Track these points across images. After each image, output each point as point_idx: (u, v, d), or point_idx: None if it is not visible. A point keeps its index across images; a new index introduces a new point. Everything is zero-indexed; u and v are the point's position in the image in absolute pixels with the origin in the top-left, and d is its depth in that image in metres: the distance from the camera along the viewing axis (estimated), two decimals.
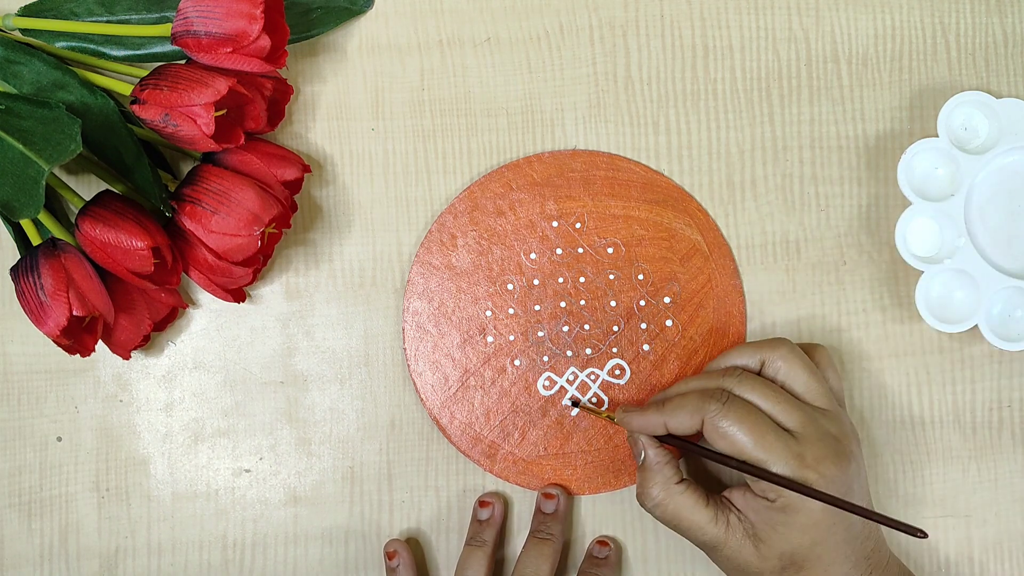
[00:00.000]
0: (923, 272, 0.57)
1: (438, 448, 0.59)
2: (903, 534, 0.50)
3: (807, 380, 0.52)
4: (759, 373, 0.53)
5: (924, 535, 0.47)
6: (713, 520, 0.51)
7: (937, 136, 0.57)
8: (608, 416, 0.56)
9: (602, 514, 0.58)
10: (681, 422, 0.51)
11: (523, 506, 0.59)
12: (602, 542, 0.57)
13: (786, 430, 0.50)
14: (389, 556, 0.57)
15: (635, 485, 0.58)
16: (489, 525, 0.57)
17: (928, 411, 0.59)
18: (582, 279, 0.58)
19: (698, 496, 0.52)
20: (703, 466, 0.58)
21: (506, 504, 0.58)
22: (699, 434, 0.52)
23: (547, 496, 0.57)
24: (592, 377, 0.58)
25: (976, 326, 0.56)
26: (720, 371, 0.53)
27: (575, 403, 0.57)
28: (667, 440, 0.53)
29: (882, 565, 0.52)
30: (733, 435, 0.50)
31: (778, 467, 0.49)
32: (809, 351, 0.55)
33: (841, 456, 0.50)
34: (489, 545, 0.56)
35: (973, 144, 0.58)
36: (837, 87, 0.59)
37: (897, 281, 0.59)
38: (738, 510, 0.52)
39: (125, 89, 0.53)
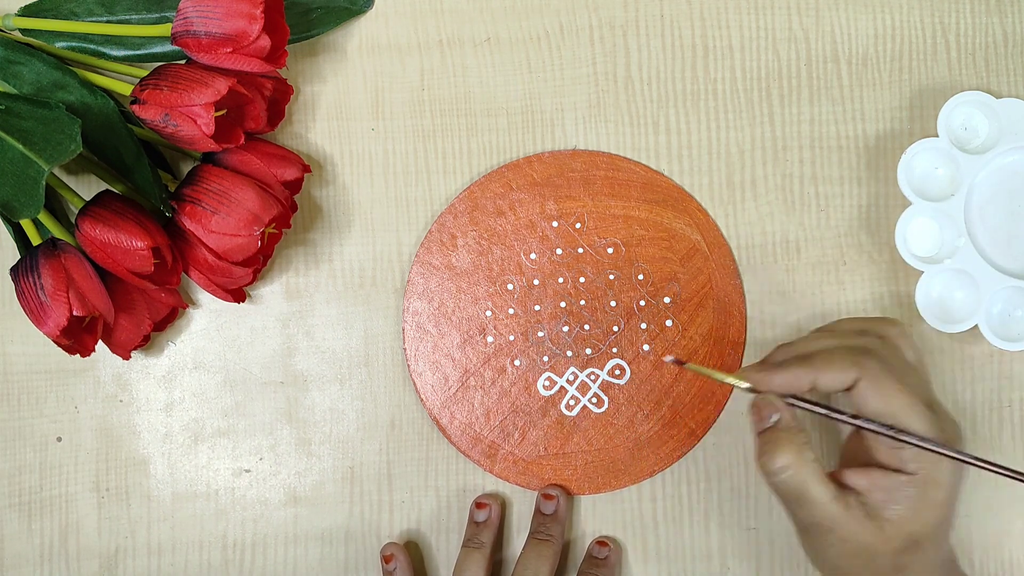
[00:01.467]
0: (923, 272, 0.57)
1: (438, 448, 0.59)
2: None
3: (917, 361, 0.50)
4: None
5: None
6: (835, 497, 0.47)
7: (937, 136, 0.57)
8: (722, 378, 0.49)
9: (602, 514, 0.58)
10: (833, 378, 0.47)
11: (523, 506, 0.59)
12: (601, 542, 0.57)
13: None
14: (386, 560, 0.57)
15: (635, 485, 0.58)
16: (486, 527, 0.57)
17: None
18: (582, 279, 0.58)
19: (823, 471, 0.47)
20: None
21: (504, 505, 0.58)
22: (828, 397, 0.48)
23: (547, 497, 0.57)
24: (592, 377, 0.58)
25: (976, 326, 0.56)
26: (851, 331, 0.49)
27: (681, 362, 0.50)
28: (797, 403, 0.48)
29: (955, 563, 0.51)
30: (893, 396, 0.46)
31: (927, 434, 0.46)
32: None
33: (957, 425, 0.48)
34: (487, 546, 0.56)
35: (973, 144, 0.58)
36: (837, 87, 0.59)
37: (897, 281, 0.59)
38: (859, 490, 0.47)
39: (125, 89, 0.53)
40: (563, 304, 0.58)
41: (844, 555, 0.48)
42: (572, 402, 0.58)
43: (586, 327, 0.58)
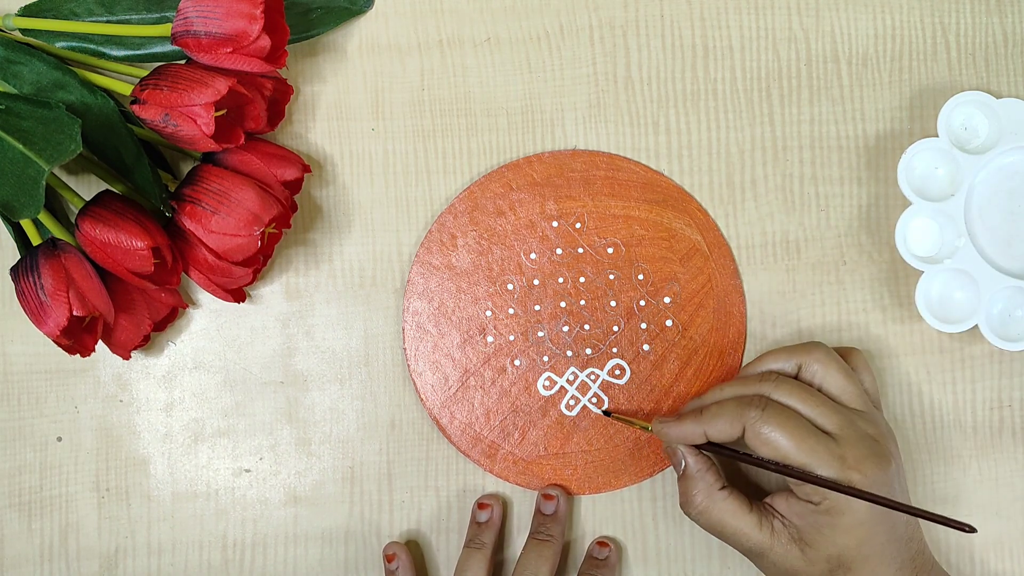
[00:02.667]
0: (923, 272, 0.57)
1: (438, 448, 0.59)
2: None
3: (843, 383, 0.52)
4: (796, 377, 0.53)
5: (973, 530, 0.47)
6: (757, 526, 0.51)
7: (937, 136, 0.57)
8: (643, 426, 0.56)
9: (602, 514, 0.58)
10: (720, 430, 0.51)
11: (523, 506, 0.59)
12: (602, 543, 0.57)
13: (826, 433, 0.50)
14: (388, 559, 0.57)
15: (635, 485, 0.58)
16: (488, 527, 0.57)
17: (928, 411, 0.59)
18: (582, 279, 0.58)
19: (741, 502, 0.52)
20: (743, 474, 0.58)
21: (505, 506, 0.58)
22: (738, 440, 0.51)
23: (547, 497, 0.57)
24: (592, 377, 0.58)
25: (976, 326, 0.56)
26: (756, 376, 0.53)
27: (608, 413, 0.57)
28: (707, 448, 0.53)
29: (927, 568, 0.52)
30: (775, 440, 0.50)
31: (821, 470, 0.49)
32: (845, 355, 0.55)
33: (881, 457, 0.50)
34: (488, 547, 0.56)
35: (973, 144, 0.58)
36: (837, 87, 0.59)
37: (897, 281, 0.59)
38: (782, 515, 0.51)
39: (125, 89, 0.53)
40: (563, 304, 0.58)
41: (781, 575, 0.52)
42: (572, 402, 0.58)
43: (586, 327, 0.58)
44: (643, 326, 0.58)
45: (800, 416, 0.51)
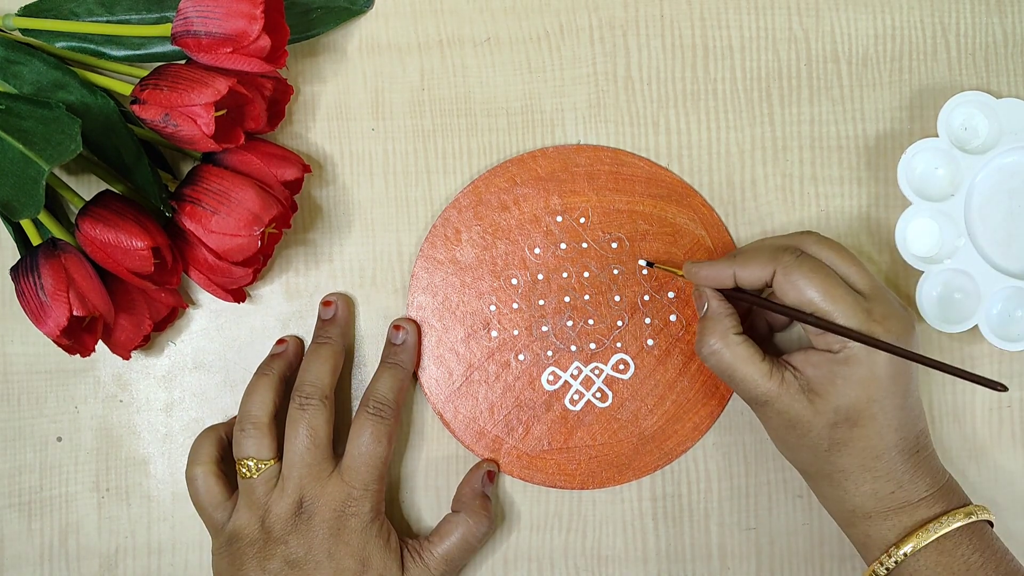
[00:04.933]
0: (923, 272, 0.57)
1: (439, 447, 0.59)
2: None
3: (851, 264, 0.53)
4: None
5: (1004, 388, 0.49)
6: (768, 375, 0.52)
7: (937, 136, 0.57)
8: (672, 271, 0.57)
9: (602, 513, 0.58)
10: (751, 273, 0.52)
11: (524, 504, 0.59)
12: (397, 327, 0.58)
13: (856, 291, 0.51)
14: (325, 304, 0.58)
15: (637, 481, 0.58)
16: (281, 358, 0.57)
17: (928, 411, 0.59)
18: (586, 274, 0.58)
19: (754, 350, 0.52)
20: (762, 339, 0.58)
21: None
22: (764, 291, 0.53)
23: (325, 304, 0.58)
24: (596, 372, 0.58)
25: (976, 326, 0.56)
26: (791, 234, 0.54)
27: (650, 264, 0.57)
28: (733, 295, 0.54)
29: (927, 451, 0.52)
30: (803, 287, 0.51)
31: (845, 319, 0.50)
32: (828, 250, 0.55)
33: (907, 320, 0.51)
34: (275, 375, 0.56)
35: (973, 144, 0.58)
36: (837, 87, 0.59)
37: (897, 281, 0.59)
38: (795, 367, 0.52)
39: (125, 89, 0.53)
40: (567, 299, 0.58)
41: (782, 426, 0.52)
42: (576, 397, 0.58)
43: (590, 322, 0.58)
44: (647, 321, 0.58)
45: (832, 270, 0.51)
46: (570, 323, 0.58)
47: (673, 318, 0.58)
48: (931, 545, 0.50)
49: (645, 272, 0.58)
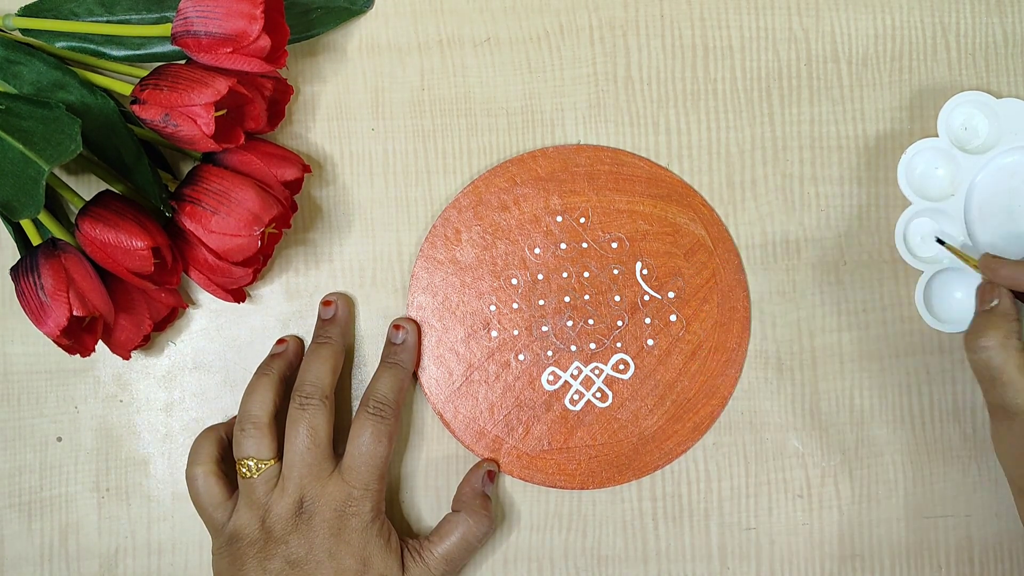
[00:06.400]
0: (923, 272, 0.57)
1: (439, 447, 0.59)
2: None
3: None
4: None
5: None
6: None
7: (937, 136, 0.57)
8: (965, 259, 0.56)
9: (602, 513, 0.58)
10: None
11: (524, 504, 0.59)
12: (397, 326, 0.58)
13: None
14: (325, 304, 0.58)
15: (638, 480, 0.58)
16: (282, 358, 0.57)
17: (928, 411, 0.59)
18: (586, 274, 0.58)
19: None
20: None
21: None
22: None
23: (325, 304, 0.58)
24: (596, 372, 0.58)
25: None
26: None
27: (940, 242, 0.57)
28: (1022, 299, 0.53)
29: None
30: None
31: None
32: None
33: None
34: (274, 374, 0.56)
35: (973, 144, 0.58)
36: (837, 87, 0.59)
37: (897, 281, 0.59)
38: None
39: (125, 89, 0.53)
40: (567, 299, 0.58)
41: (1019, 445, 0.51)
42: (576, 397, 0.58)
43: (590, 322, 0.58)
44: (647, 321, 0.58)
45: None
46: (570, 323, 0.58)
47: (673, 318, 0.58)
48: None
49: (940, 248, 0.57)
